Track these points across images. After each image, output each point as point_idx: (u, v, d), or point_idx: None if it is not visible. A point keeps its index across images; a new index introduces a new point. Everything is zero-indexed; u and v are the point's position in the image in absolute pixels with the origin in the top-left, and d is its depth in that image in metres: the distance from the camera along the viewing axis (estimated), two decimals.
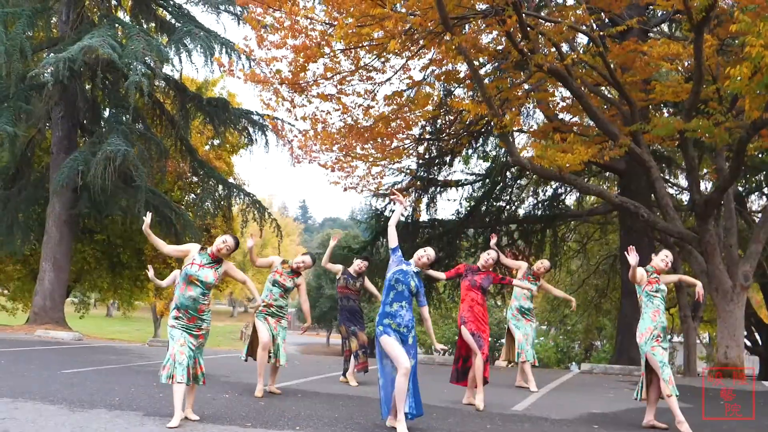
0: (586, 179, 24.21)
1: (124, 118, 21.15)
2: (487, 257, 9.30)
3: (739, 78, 10.99)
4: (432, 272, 8.57)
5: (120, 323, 56.93)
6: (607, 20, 17.81)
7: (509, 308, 11.24)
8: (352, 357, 10.82)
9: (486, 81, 17.63)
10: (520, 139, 23.18)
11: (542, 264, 11.47)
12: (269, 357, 9.23)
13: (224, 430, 6.77)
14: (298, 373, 11.64)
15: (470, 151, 22.68)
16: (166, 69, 22.38)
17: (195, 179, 25.90)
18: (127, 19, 23.80)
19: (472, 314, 8.97)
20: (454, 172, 25.85)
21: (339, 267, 11.14)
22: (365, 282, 11.13)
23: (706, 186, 20.70)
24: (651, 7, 17.13)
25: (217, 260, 7.43)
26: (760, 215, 18.67)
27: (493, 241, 10.56)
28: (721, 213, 16.84)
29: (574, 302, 11.54)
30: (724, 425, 8.15)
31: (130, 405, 7.78)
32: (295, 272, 9.56)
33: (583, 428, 7.62)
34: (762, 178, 21.94)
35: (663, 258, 7.93)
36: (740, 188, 23.04)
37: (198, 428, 6.77)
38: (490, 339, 10.45)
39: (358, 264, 11.03)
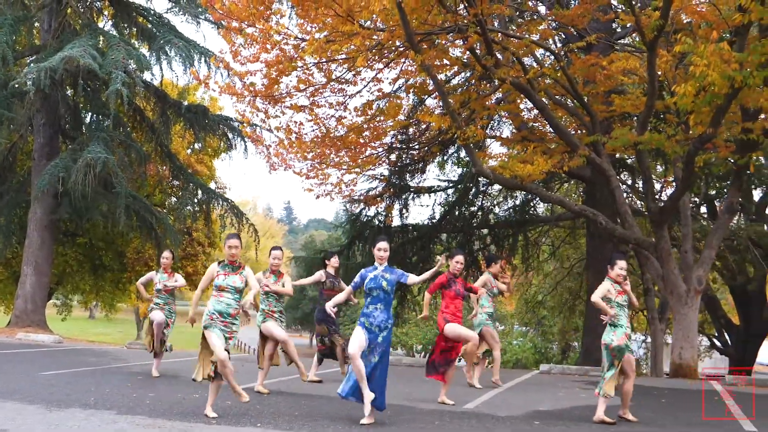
0: (557, 186, 24.95)
1: (105, 124, 21.66)
2: (457, 265, 9.92)
3: (684, 96, 11.63)
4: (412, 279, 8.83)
5: (102, 325, 57.21)
6: (575, 33, 18.47)
7: (481, 315, 11.68)
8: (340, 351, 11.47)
9: (457, 92, 18.29)
10: (493, 147, 23.86)
11: (494, 265, 11.91)
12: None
13: (190, 427, 7.34)
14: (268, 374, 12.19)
15: (445, 158, 23.37)
16: (147, 76, 22.93)
17: (176, 182, 26.39)
18: (109, 25, 24.32)
19: (452, 320, 9.70)
20: (425, 179, 26.43)
21: (319, 273, 11.72)
22: (341, 284, 11.80)
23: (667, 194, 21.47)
24: (614, 22, 17.83)
25: (237, 265, 8.19)
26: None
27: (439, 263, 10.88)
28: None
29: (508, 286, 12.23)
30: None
31: (105, 404, 8.32)
32: (278, 274, 10.29)
33: (524, 425, 8.22)
34: (721, 185, 22.72)
35: (619, 272, 8.42)
36: (712, 192, 23.92)
37: (166, 425, 7.33)
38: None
39: (333, 262, 11.73)
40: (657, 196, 17.21)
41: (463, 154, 23.11)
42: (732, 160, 16.21)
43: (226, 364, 7.84)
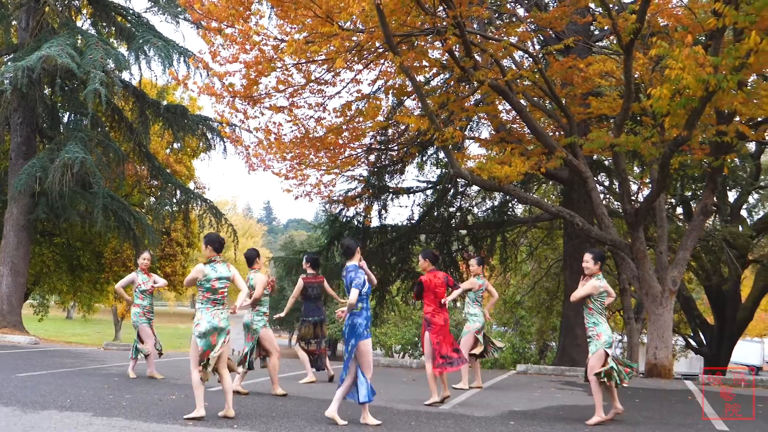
0: (535, 187, 25.11)
1: (82, 124, 21.54)
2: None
3: (659, 98, 11.75)
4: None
5: (80, 325, 56.73)
6: (553, 35, 18.60)
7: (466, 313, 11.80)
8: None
9: (436, 93, 18.36)
10: (471, 148, 23.98)
11: (473, 264, 11.84)
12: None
13: (167, 428, 7.36)
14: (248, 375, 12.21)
15: (424, 159, 23.45)
16: (125, 75, 22.84)
17: (155, 182, 26.29)
18: (88, 24, 24.20)
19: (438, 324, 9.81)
20: (404, 180, 26.49)
21: (299, 284, 11.87)
22: (325, 285, 11.91)
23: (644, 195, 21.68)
24: (592, 25, 17.98)
25: (223, 261, 8.30)
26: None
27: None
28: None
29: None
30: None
31: (80, 406, 8.32)
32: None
33: (499, 425, 8.30)
34: (697, 187, 22.99)
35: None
36: (688, 194, 24.20)
37: (142, 427, 7.35)
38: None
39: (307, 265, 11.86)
40: (633, 198, 17.36)
41: (441, 155, 23.21)
42: (707, 162, 16.40)
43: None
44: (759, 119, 15.23)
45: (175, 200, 24.49)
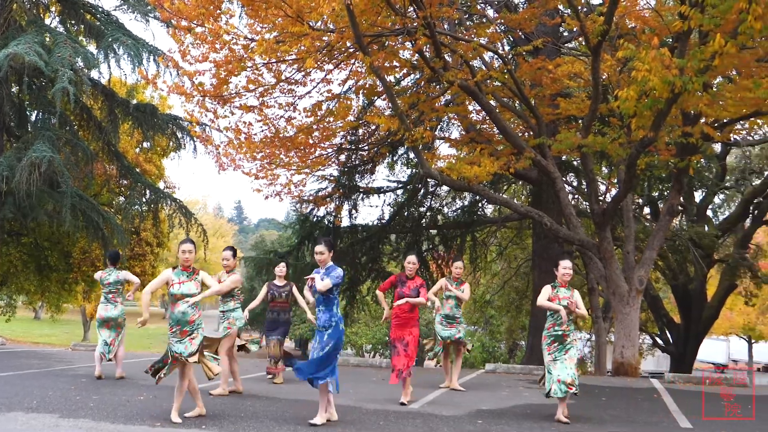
0: (504, 187, 25.27)
1: (51, 123, 21.31)
2: (410, 266, 10.01)
3: (626, 100, 11.89)
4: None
5: (48, 326, 56.06)
6: (522, 36, 18.73)
7: (436, 316, 11.81)
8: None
9: (406, 94, 18.42)
10: (441, 149, 24.07)
11: (457, 267, 11.78)
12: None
13: (134, 430, 7.34)
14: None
15: (394, 158, 23.52)
16: (94, 74, 22.65)
17: (124, 182, 26.07)
18: (56, 22, 23.95)
19: (395, 321, 9.89)
20: (375, 180, 26.53)
21: (263, 291, 11.88)
22: (293, 291, 11.83)
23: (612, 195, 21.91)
24: (561, 27, 18.13)
25: (192, 270, 8.13)
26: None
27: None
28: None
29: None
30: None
31: (47, 408, 8.27)
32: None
33: (467, 424, 8.37)
34: (664, 187, 23.27)
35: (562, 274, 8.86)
36: (655, 194, 24.48)
37: (109, 428, 7.32)
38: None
39: (279, 270, 11.82)
40: (601, 198, 17.53)
41: (412, 155, 23.28)
42: (673, 163, 16.62)
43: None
44: (724, 120, 15.46)
45: (144, 200, 24.31)
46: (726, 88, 13.95)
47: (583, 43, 17.01)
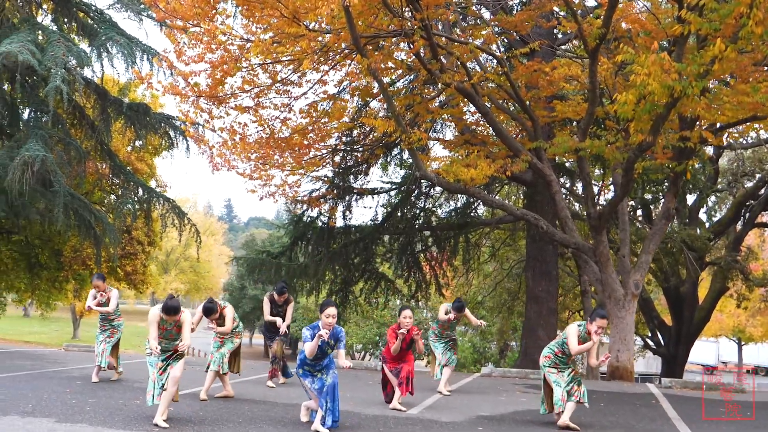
0: (498, 188, 25.25)
1: (43, 121, 21.16)
2: (406, 321, 9.71)
3: (625, 104, 11.87)
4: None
5: (38, 324, 55.87)
6: (518, 38, 18.71)
7: (430, 331, 11.85)
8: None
9: (401, 95, 18.36)
10: (436, 150, 24.02)
11: (450, 313, 11.52)
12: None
13: None
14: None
15: (388, 160, 23.46)
16: (87, 73, 22.49)
17: (116, 181, 25.93)
18: (49, 20, 23.79)
19: (390, 357, 9.86)
20: (369, 181, 26.46)
21: (267, 307, 11.84)
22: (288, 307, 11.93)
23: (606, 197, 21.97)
24: (556, 29, 18.14)
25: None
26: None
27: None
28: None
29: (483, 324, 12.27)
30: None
31: (43, 411, 8.18)
32: None
33: (468, 430, 8.33)
34: (657, 190, 23.31)
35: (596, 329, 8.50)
36: (648, 197, 24.52)
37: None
38: None
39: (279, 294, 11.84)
40: (596, 200, 17.53)
41: (406, 156, 23.24)
42: (669, 167, 16.61)
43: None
44: (719, 125, 15.48)
45: (136, 198, 24.20)
46: (724, 92, 13.96)
47: (580, 46, 17.03)
